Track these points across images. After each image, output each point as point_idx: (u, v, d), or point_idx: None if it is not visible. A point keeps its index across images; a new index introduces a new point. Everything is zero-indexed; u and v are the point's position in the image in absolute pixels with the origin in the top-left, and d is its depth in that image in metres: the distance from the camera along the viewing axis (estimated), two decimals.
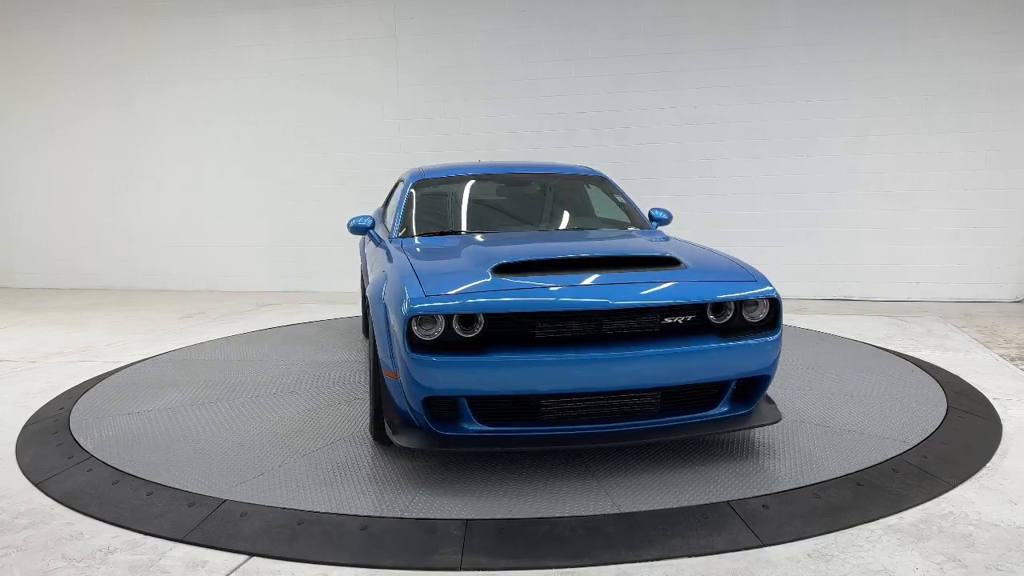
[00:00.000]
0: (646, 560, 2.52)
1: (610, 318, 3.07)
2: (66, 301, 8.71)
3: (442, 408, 3.05)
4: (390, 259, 3.77)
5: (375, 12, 8.62)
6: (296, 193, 9.03)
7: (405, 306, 3.00)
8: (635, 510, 2.84)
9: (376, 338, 3.28)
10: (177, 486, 3.14)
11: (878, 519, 2.76)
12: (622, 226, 4.51)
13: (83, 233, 9.86)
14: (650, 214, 4.78)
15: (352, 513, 2.86)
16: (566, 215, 4.74)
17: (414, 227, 4.33)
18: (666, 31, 7.94)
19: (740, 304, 3.23)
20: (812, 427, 3.69)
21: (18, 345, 6.26)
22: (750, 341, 3.17)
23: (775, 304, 3.25)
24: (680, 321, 3.15)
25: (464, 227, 4.34)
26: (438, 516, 2.82)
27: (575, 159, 8.06)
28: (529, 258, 3.34)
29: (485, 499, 2.97)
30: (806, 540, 2.63)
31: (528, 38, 8.26)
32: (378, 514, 2.85)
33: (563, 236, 4.27)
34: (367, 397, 4.37)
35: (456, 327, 3.01)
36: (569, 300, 3.04)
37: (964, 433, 3.63)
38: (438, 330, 3.00)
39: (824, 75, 7.65)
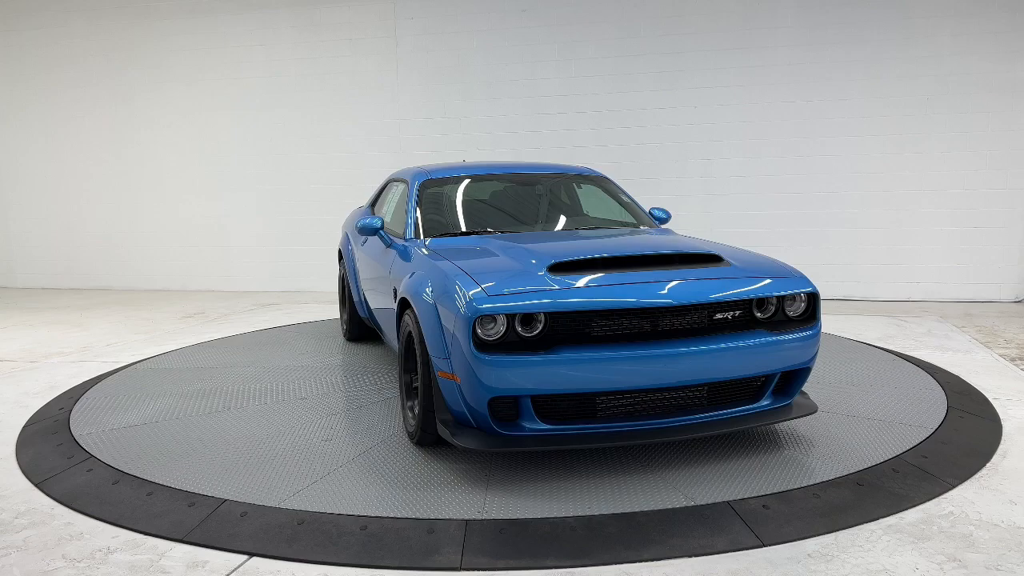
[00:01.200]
0: (646, 560, 2.52)
1: (671, 315, 3.12)
2: (66, 301, 8.71)
3: (503, 408, 3.05)
4: (418, 260, 3.73)
5: (375, 12, 8.62)
6: (296, 193, 9.03)
7: (468, 306, 2.97)
8: (635, 510, 2.84)
9: (425, 339, 3.22)
10: (177, 486, 3.14)
11: (878, 519, 2.76)
12: (632, 225, 4.56)
13: (83, 233, 9.85)
14: (650, 213, 4.83)
15: (352, 513, 2.86)
16: (577, 215, 4.77)
17: (432, 227, 4.27)
18: (666, 31, 7.94)
19: (782, 299, 3.33)
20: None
21: (18, 345, 6.26)
22: (796, 335, 3.28)
23: (814, 298, 3.38)
24: (730, 316, 3.24)
25: (480, 227, 4.32)
26: (438, 516, 2.82)
27: (575, 159, 8.06)
28: (584, 256, 3.35)
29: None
30: (806, 540, 2.63)
31: (528, 38, 8.27)
32: (378, 514, 2.85)
33: (592, 235, 4.22)
34: (382, 400, 4.37)
35: (518, 326, 3.01)
36: (635, 298, 3.06)
37: (964, 433, 3.63)
38: (499, 330, 3.00)
39: (824, 75, 7.65)
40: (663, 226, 4.76)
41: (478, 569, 2.50)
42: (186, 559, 2.60)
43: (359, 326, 5.69)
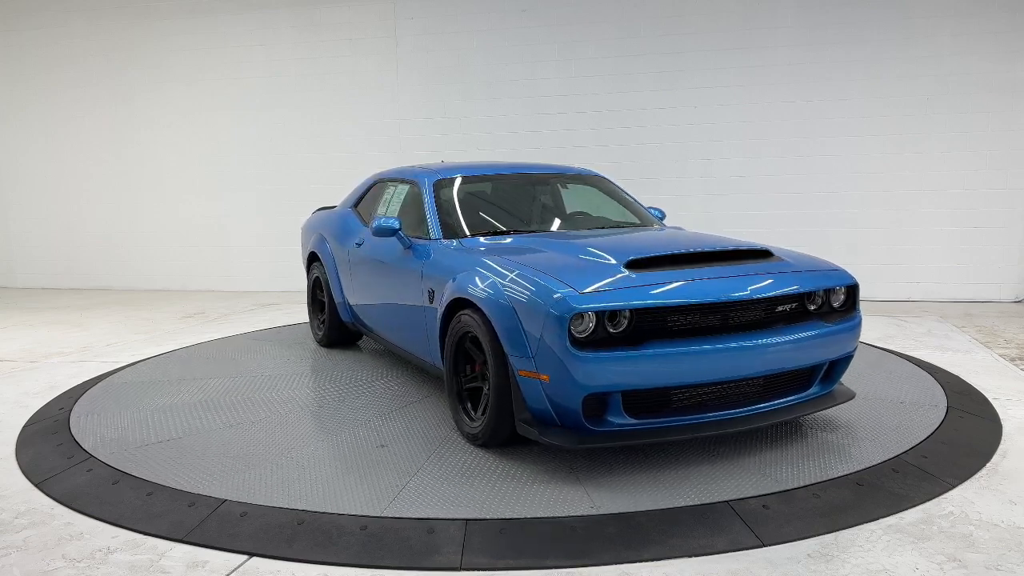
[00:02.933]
0: (646, 560, 2.52)
1: (744, 308, 3.22)
2: (66, 301, 8.71)
3: (592, 404, 3.07)
4: (463, 260, 3.68)
5: (375, 12, 8.62)
6: (296, 193, 9.02)
7: (560, 304, 2.97)
8: (635, 510, 2.84)
9: (501, 339, 3.19)
10: (177, 486, 3.14)
11: (878, 519, 2.76)
12: (644, 224, 4.68)
13: (83, 233, 9.85)
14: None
15: (352, 513, 2.86)
16: (591, 214, 4.79)
17: (459, 228, 4.22)
18: (666, 31, 7.94)
19: (828, 291, 3.49)
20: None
21: (18, 345, 6.26)
22: (846, 324, 3.47)
23: (854, 290, 3.57)
24: (787, 309, 3.38)
25: (508, 227, 4.33)
26: (438, 516, 2.82)
27: (575, 159, 8.06)
28: (658, 254, 3.42)
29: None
30: (806, 540, 2.62)
31: (528, 38, 8.26)
32: (378, 514, 2.85)
33: (632, 233, 4.31)
34: (416, 400, 4.38)
35: (607, 323, 3.02)
36: (717, 292, 3.15)
37: (964, 433, 3.63)
38: (588, 327, 3.00)
39: (824, 75, 7.65)
40: (666, 225, 4.86)
41: (478, 569, 2.50)
42: (186, 559, 2.60)
43: (338, 330, 5.51)
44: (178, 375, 4.99)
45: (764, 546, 2.59)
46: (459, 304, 3.56)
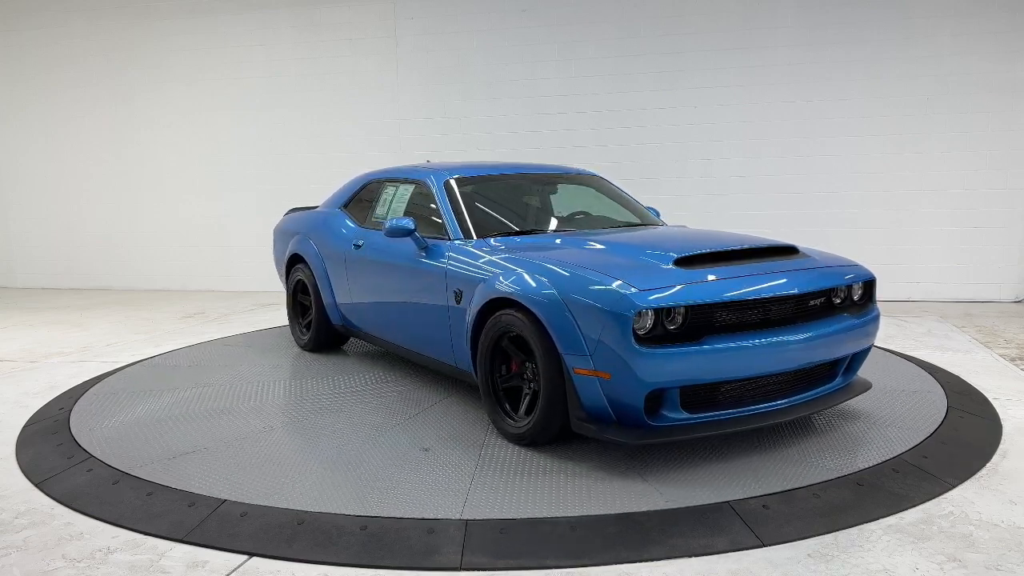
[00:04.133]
0: (646, 560, 2.52)
1: (789, 303, 3.34)
2: (66, 301, 8.71)
3: (651, 400, 3.10)
4: (499, 260, 3.66)
5: (375, 12, 8.63)
6: (296, 193, 9.01)
7: (622, 302, 3.00)
8: (635, 510, 2.84)
9: (555, 338, 3.20)
10: (177, 486, 3.14)
11: (878, 519, 2.76)
12: (651, 224, 4.76)
13: (83, 233, 9.85)
14: None
15: (352, 513, 2.86)
16: (590, 213, 4.80)
17: (480, 228, 4.18)
18: (666, 31, 7.94)
19: (850, 286, 3.64)
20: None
21: (18, 345, 6.26)
22: (870, 316, 3.65)
23: (871, 284, 3.75)
24: (818, 303, 3.50)
25: (528, 227, 4.35)
26: (438, 516, 2.82)
27: (575, 159, 8.06)
28: (701, 251, 3.48)
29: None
30: (806, 540, 2.62)
31: (528, 38, 8.27)
32: (378, 514, 2.85)
33: (655, 231, 4.37)
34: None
35: (665, 320, 3.07)
36: (764, 287, 3.25)
37: (964, 433, 3.63)
38: (647, 324, 3.03)
39: (824, 75, 7.65)
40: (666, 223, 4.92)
41: (478, 569, 2.50)
42: (186, 559, 2.60)
43: (326, 334, 5.38)
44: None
45: (764, 546, 2.59)
46: (498, 304, 3.55)
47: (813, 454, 3.34)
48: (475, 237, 4.09)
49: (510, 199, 4.75)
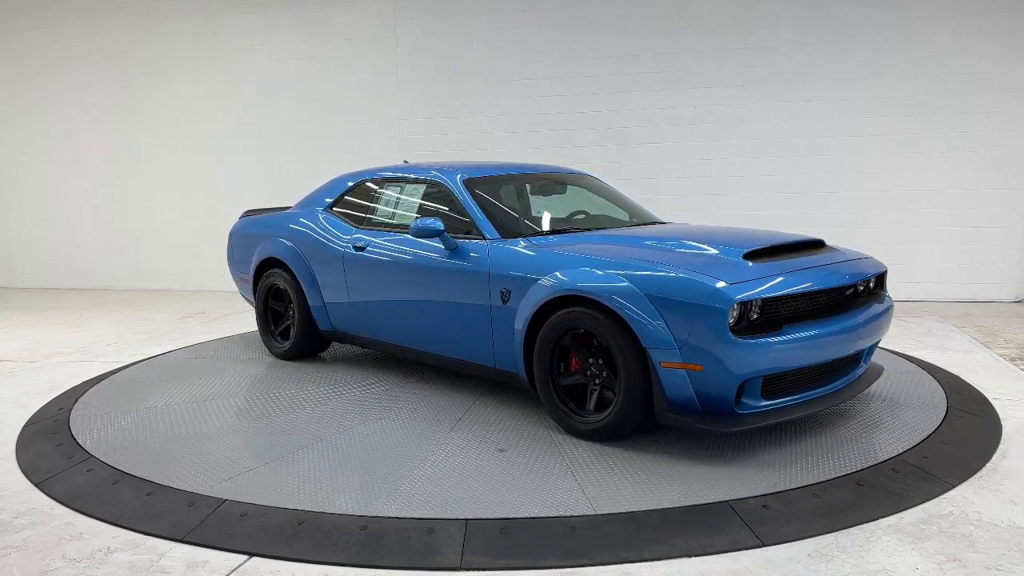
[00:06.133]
0: (646, 560, 2.52)
1: (843, 292, 3.58)
2: (66, 301, 8.71)
3: (740, 390, 3.22)
4: (559, 258, 3.66)
5: (375, 12, 8.63)
6: (295, 193, 8.99)
7: (717, 296, 3.10)
8: (635, 510, 2.84)
9: (639, 334, 3.25)
10: (177, 486, 3.14)
11: (878, 519, 2.76)
12: (657, 222, 4.84)
13: (83, 233, 9.86)
14: None
15: (352, 513, 2.86)
16: (609, 213, 4.82)
17: (522, 227, 4.18)
18: (666, 31, 7.94)
19: (874, 276, 3.87)
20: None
21: (18, 345, 6.26)
22: (890, 305, 3.92)
23: (884, 275, 4.01)
24: (858, 292, 3.72)
25: (550, 226, 4.36)
26: (438, 516, 2.82)
27: (575, 159, 8.07)
28: (762, 245, 3.64)
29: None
30: (806, 540, 2.62)
31: (528, 38, 8.27)
32: (378, 514, 2.85)
33: (680, 227, 4.49)
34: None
35: (748, 311, 3.19)
36: (832, 278, 3.50)
37: (964, 433, 3.63)
38: (734, 315, 3.13)
39: (824, 75, 7.65)
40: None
41: (478, 569, 2.50)
42: (186, 559, 2.60)
43: (311, 341, 5.18)
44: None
45: (764, 546, 2.59)
46: (560, 302, 3.56)
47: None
48: (510, 236, 4.05)
49: (523, 199, 4.75)
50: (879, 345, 4.01)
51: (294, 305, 5.17)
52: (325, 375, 4.91)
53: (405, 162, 5.44)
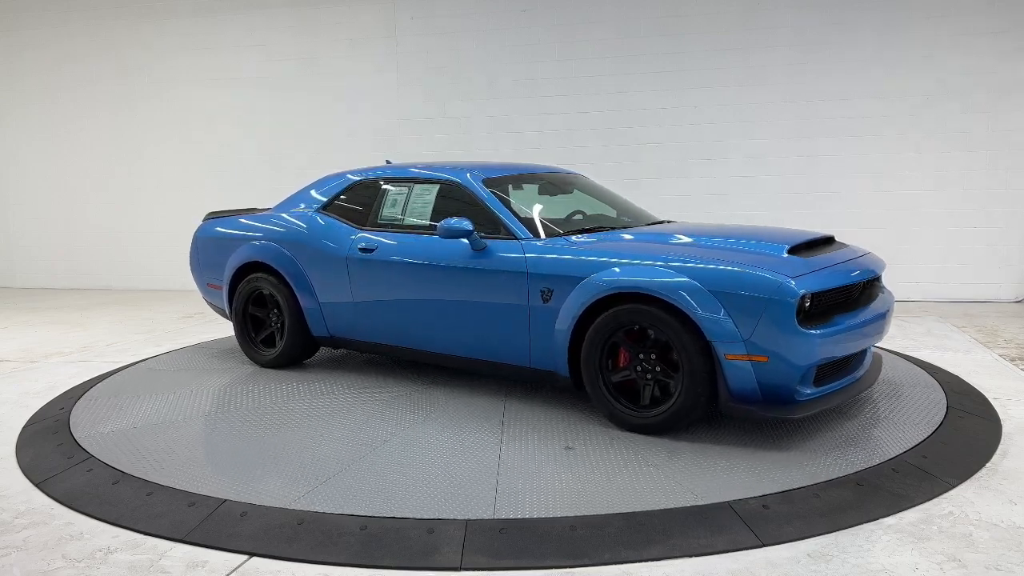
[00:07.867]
0: (646, 560, 2.52)
1: (867, 285, 3.85)
2: (66, 301, 8.72)
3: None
4: (590, 256, 3.71)
5: (375, 12, 8.63)
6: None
7: (782, 289, 3.24)
8: (635, 509, 2.84)
9: (703, 328, 3.34)
10: (177, 486, 3.14)
11: (878, 519, 2.76)
12: (651, 219, 4.90)
13: (83, 233, 9.86)
14: None
15: (352, 513, 2.86)
16: (606, 212, 4.83)
17: (552, 226, 4.16)
18: (666, 31, 7.94)
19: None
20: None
21: (18, 345, 6.26)
22: (893, 298, 4.10)
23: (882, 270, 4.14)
24: (871, 285, 3.95)
25: (568, 227, 4.29)
26: (438, 516, 2.82)
27: (576, 159, 8.07)
28: (799, 241, 3.77)
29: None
30: (806, 540, 2.62)
31: (528, 38, 8.26)
32: (378, 514, 2.85)
33: (699, 226, 4.50)
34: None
35: (805, 304, 3.32)
36: (866, 272, 3.75)
37: (964, 433, 3.63)
38: (800, 308, 3.28)
39: (824, 75, 7.65)
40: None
41: (478, 569, 2.50)
42: (186, 559, 2.60)
43: (302, 348, 4.98)
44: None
45: (764, 546, 2.59)
46: (610, 300, 3.59)
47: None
48: (540, 235, 4.03)
49: (537, 198, 4.72)
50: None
51: (283, 311, 4.91)
52: (329, 375, 4.91)
53: (388, 163, 5.35)
